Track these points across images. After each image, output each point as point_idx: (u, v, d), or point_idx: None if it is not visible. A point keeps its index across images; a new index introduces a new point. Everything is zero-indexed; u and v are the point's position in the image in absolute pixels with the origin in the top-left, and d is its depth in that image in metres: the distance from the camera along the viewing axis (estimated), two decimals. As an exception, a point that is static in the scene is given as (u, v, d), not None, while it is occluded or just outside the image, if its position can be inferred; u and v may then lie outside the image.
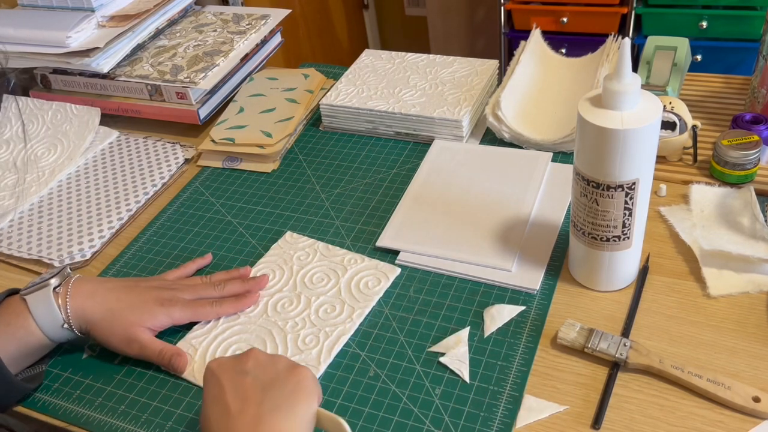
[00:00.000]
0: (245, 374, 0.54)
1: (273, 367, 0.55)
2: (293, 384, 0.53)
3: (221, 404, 0.53)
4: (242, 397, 0.52)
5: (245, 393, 0.53)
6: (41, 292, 0.65)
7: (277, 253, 0.78)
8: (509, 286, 0.70)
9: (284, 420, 0.51)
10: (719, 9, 1.80)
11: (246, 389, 0.53)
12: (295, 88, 1.03)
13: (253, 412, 0.51)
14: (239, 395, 0.53)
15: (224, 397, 0.53)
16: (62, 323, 0.65)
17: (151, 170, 0.93)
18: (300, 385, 0.54)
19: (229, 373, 0.55)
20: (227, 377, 0.54)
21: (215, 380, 0.55)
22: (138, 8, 1.05)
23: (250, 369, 0.55)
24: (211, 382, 0.55)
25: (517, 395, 0.61)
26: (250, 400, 0.52)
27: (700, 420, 0.57)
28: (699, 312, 0.66)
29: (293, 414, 0.52)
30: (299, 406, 0.52)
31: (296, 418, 0.52)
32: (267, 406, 0.52)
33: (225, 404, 0.52)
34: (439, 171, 0.86)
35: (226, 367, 0.55)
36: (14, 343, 0.63)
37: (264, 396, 0.52)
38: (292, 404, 0.52)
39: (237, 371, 0.55)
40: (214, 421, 0.52)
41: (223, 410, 0.52)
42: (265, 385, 0.53)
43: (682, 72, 0.92)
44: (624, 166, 0.59)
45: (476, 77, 0.97)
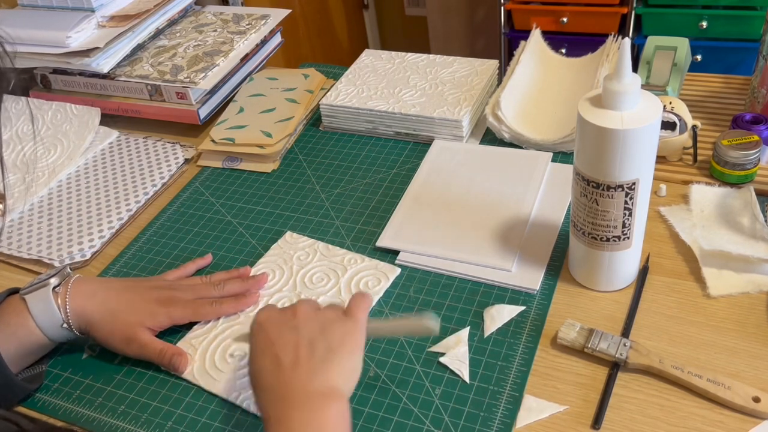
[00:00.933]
0: (294, 329, 0.56)
1: (319, 321, 0.57)
2: (339, 336, 0.55)
3: (272, 357, 0.54)
4: (293, 350, 0.54)
5: (296, 347, 0.54)
6: (41, 291, 0.65)
7: (277, 253, 0.78)
8: (509, 286, 0.70)
9: (335, 371, 0.53)
10: (719, 9, 1.80)
11: (296, 343, 0.54)
12: (295, 88, 1.03)
13: (305, 365, 0.53)
14: (290, 349, 0.54)
15: (275, 351, 0.54)
16: (61, 323, 0.65)
17: (151, 170, 0.93)
18: (346, 337, 0.56)
19: (278, 326, 0.56)
20: (276, 331, 0.56)
21: (264, 334, 0.56)
22: (138, 8, 1.05)
23: (300, 324, 0.56)
24: (261, 336, 0.56)
25: (517, 395, 0.61)
26: (301, 353, 0.54)
27: (700, 420, 0.57)
28: (699, 312, 0.66)
29: (342, 365, 0.54)
30: (347, 357, 0.55)
31: (345, 368, 0.54)
32: (317, 359, 0.54)
33: (276, 358, 0.54)
34: (439, 171, 0.86)
35: (274, 321, 0.57)
36: (14, 342, 0.63)
37: (312, 349, 0.54)
38: (340, 356, 0.54)
39: (287, 325, 0.56)
40: (267, 373, 0.54)
41: (275, 364, 0.54)
42: (313, 340, 0.55)
43: (682, 72, 0.92)
44: (624, 166, 0.59)
45: (476, 77, 0.97)
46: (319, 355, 0.54)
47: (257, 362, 0.56)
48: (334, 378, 0.53)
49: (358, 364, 0.56)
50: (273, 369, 0.54)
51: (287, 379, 0.53)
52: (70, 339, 0.67)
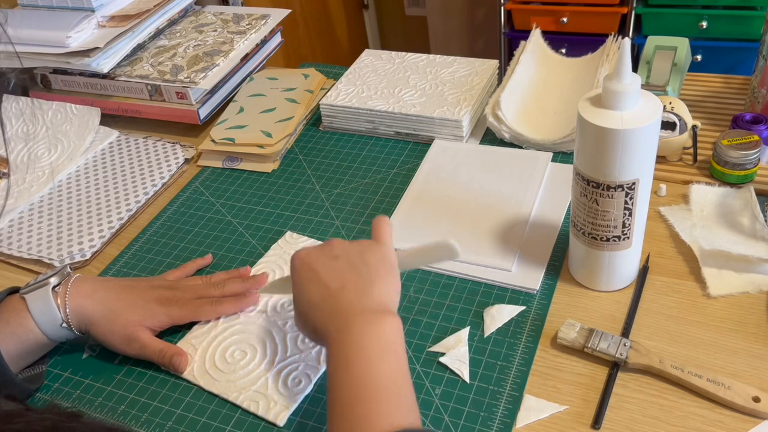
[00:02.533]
0: (335, 258, 0.60)
1: (356, 250, 0.60)
2: (377, 260, 0.60)
3: (320, 285, 0.58)
4: (339, 276, 0.58)
5: (341, 273, 0.58)
6: (40, 291, 0.65)
7: (277, 253, 0.78)
8: (509, 286, 0.70)
9: (381, 290, 0.58)
10: (719, 9, 1.80)
11: (340, 270, 0.58)
12: (295, 88, 1.03)
13: (353, 287, 0.57)
14: (336, 275, 0.58)
15: (322, 279, 0.58)
16: (61, 322, 0.65)
17: (151, 170, 0.93)
18: (384, 260, 0.60)
19: (319, 258, 0.60)
20: (319, 262, 0.59)
21: (307, 266, 0.60)
22: (138, 8, 1.05)
23: (339, 254, 0.60)
24: (304, 269, 0.60)
25: (517, 395, 0.61)
26: (347, 277, 0.58)
27: (700, 420, 0.57)
28: (699, 312, 0.66)
29: (386, 284, 0.59)
30: (388, 277, 0.59)
31: (389, 286, 0.59)
32: (363, 280, 0.58)
33: (324, 284, 0.58)
34: (439, 171, 0.86)
35: (315, 255, 0.61)
36: (13, 341, 0.63)
37: (357, 273, 0.58)
38: (382, 276, 0.59)
39: (327, 256, 0.60)
40: (317, 298, 0.58)
41: (323, 289, 0.58)
42: (355, 264, 0.59)
43: (682, 72, 0.92)
44: (624, 166, 0.59)
45: (476, 77, 0.97)
46: (364, 278, 0.58)
47: (306, 292, 0.59)
48: (382, 296, 0.57)
49: (398, 283, 0.60)
50: (323, 294, 0.57)
51: (339, 300, 0.56)
52: (69, 338, 0.67)
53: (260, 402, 0.62)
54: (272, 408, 0.62)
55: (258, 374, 0.65)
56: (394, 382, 0.52)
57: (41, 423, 0.39)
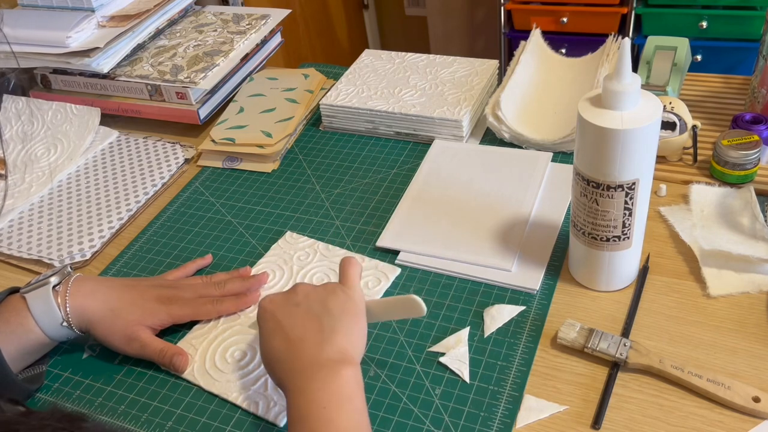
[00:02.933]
0: (297, 306, 0.59)
1: (319, 295, 0.60)
2: (341, 305, 0.59)
3: (282, 336, 0.57)
4: (300, 326, 0.57)
5: (303, 323, 0.57)
6: (41, 290, 0.65)
7: (277, 253, 0.78)
8: (509, 286, 0.70)
9: (343, 338, 0.57)
10: (719, 9, 1.80)
11: (301, 319, 0.58)
12: (295, 88, 1.03)
13: (313, 338, 0.56)
14: (297, 326, 0.57)
15: (284, 330, 0.58)
16: (61, 321, 0.65)
17: (151, 170, 0.93)
18: (346, 307, 0.59)
19: (282, 307, 0.59)
20: (282, 311, 0.59)
21: (270, 315, 0.59)
22: (138, 8, 1.05)
23: (302, 301, 0.59)
24: (266, 318, 0.60)
25: (517, 395, 0.61)
26: (308, 327, 0.57)
27: (700, 420, 0.57)
28: (699, 312, 0.66)
29: (350, 332, 0.57)
30: (352, 325, 0.58)
31: (352, 334, 0.58)
32: (326, 330, 0.57)
33: (285, 335, 0.57)
34: (439, 171, 0.86)
35: (279, 303, 0.60)
36: (13, 341, 0.63)
37: (318, 322, 0.57)
38: (345, 324, 0.57)
39: (290, 303, 0.59)
40: (279, 351, 0.57)
41: (285, 341, 0.57)
42: (318, 313, 0.58)
43: (682, 72, 0.92)
44: (624, 166, 0.59)
45: (476, 77, 0.97)
46: (326, 326, 0.57)
47: (269, 343, 0.58)
48: (344, 344, 0.56)
49: (363, 328, 0.59)
50: (285, 347, 0.57)
51: (299, 353, 0.56)
52: (70, 338, 0.67)
53: (260, 402, 0.62)
54: (272, 408, 0.62)
55: (258, 374, 0.64)
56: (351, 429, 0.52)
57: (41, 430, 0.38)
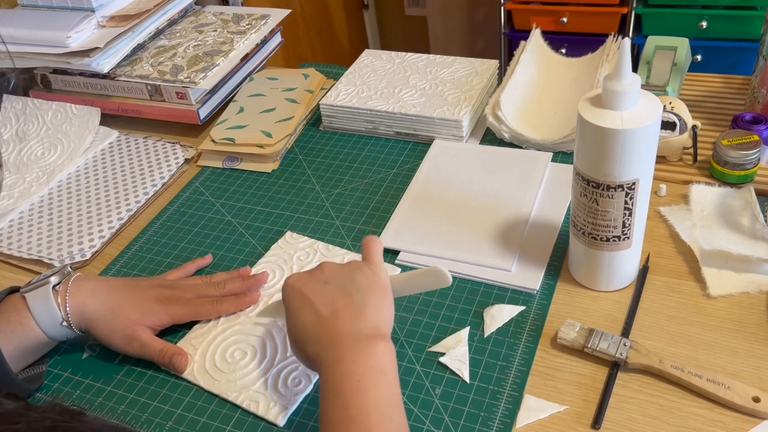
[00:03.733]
0: (326, 283, 0.59)
1: (345, 272, 0.60)
2: (368, 282, 0.59)
3: (312, 311, 0.58)
4: (330, 302, 0.58)
5: (332, 298, 0.58)
6: (41, 290, 0.65)
7: (277, 253, 0.78)
8: (509, 286, 0.70)
9: (373, 313, 0.57)
10: (719, 9, 1.80)
11: (331, 295, 0.58)
12: (295, 88, 1.03)
13: (346, 313, 0.57)
14: (327, 301, 0.58)
15: (314, 306, 0.58)
16: (61, 321, 0.65)
17: (151, 170, 0.93)
18: (374, 282, 0.60)
19: (310, 284, 0.60)
20: (310, 288, 0.59)
21: (298, 293, 0.60)
22: (138, 8, 1.05)
23: (330, 278, 0.60)
24: (294, 295, 0.60)
25: (517, 395, 0.61)
26: (338, 303, 0.57)
27: (700, 420, 0.57)
28: (699, 312, 0.66)
29: (377, 307, 0.58)
30: (381, 300, 0.59)
31: (381, 309, 0.58)
32: (355, 305, 0.57)
33: (316, 311, 0.57)
34: (439, 171, 0.86)
35: (306, 280, 0.60)
36: (13, 340, 0.63)
37: (349, 298, 0.58)
38: (374, 299, 0.58)
39: (318, 281, 0.60)
40: (310, 325, 0.57)
41: (315, 316, 0.57)
42: (346, 289, 0.58)
43: (682, 72, 0.92)
44: (624, 166, 0.59)
45: (476, 77, 0.97)
46: (356, 302, 0.58)
47: (298, 319, 0.58)
48: (374, 319, 0.57)
49: (391, 304, 0.60)
50: (316, 321, 0.57)
51: (332, 327, 0.56)
52: (69, 338, 0.67)
53: (260, 402, 0.62)
54: (272, 408, 0.62)
55: (258, 374, 0.64)
56: (385, 409, 0.52)
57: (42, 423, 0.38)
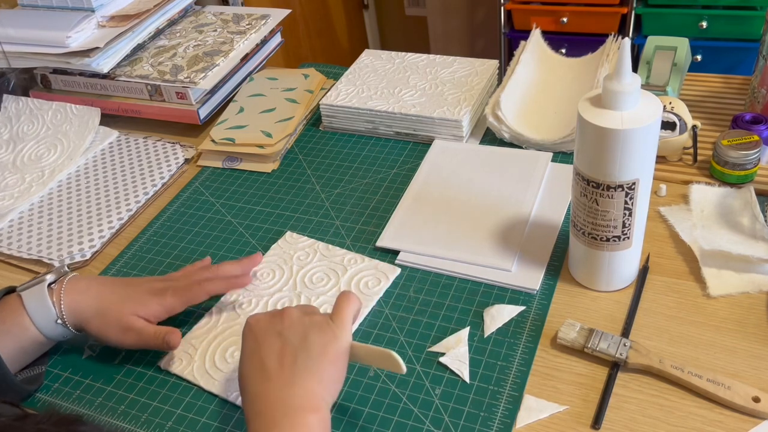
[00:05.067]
0: (279, 336, 0.57)
1: (304, 327, 0.58)
2: (321, 348, 0.56)
3: (257, 362, 0.56)
4: (276, 357, 0.56)
5: (279, 353, 0.56)
6: (36, 288, 0.65)
7: (277, 253, 0.78)
8: (509, 286, 0.70)
9: (314, 380, 0.55)
10: (719, 9, 1.80)
11: (280, 349, 0.56)
12: (295, 88, 1.03)
13: (286, 374, 0.55)
14: (273, 355, 0.56)
15: (260, 355, 0.57)
16: (56, 319, 0.65)
17: (151, 170, 0.93)
18: (327, 349, 0.56)
19: (264, 331, 0.58)
20: (262, 335, 0.58)
21: (253, 337, 0.58)
22: (138, 8, 1.05)
23: (285, 330, 0.58)
24: (249, 338, 0.59)
25: (517, 395, 0.61)
26: (284, 361, 0.56)
27: (700, 420, 0.57)
28: (699, 312, 0.66)
29: (321, 375, 0.55)
30: (327, 368, 0.56)
31: (326, 377, 0.56)
32: (299, 367, 0.55)
33: (261, 363, 0.56)
34: (439, 171, 0.86)
35: (263, 326, 0.59)
36: (10, 340, 0.64)
37: (295, 359, 0.56)
38: (320, 367, 0.56)
39: (273, 332, 0.58)
40: (252, 380, 0.56)
41: (259, 369, 0.56)
42: (297, 348, 0.56)
43: (682, 72, 0.92)
44: (624, 166, 0.59)
45: (476, 77, 0.97)
46: (300, 365, 0.55)
47: (245, 366, 0.57)
48: (314, 386, 0.54)
49: (340, 373, 0.57)
50: (257, 375, 0.56)
51: (268, 388, 0.54)
52: (66, 337, 0.67)
53: (260, 402, 0.62)
54: (272, 408, 0.62)
55: (258, 374, 0.64)
56: None
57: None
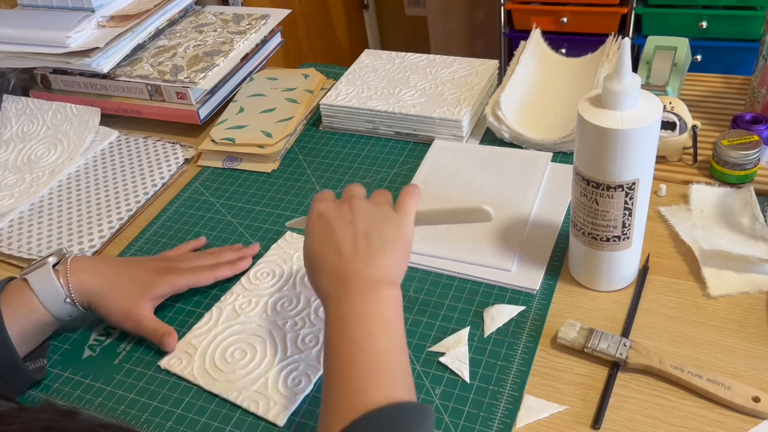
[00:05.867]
0: (351, 222, 0.60)
1: (373, 216, 0.61)
2: (392, 231, 0.60)
3: (333, 245, 0.59)
4: (352, 241, 0.59)
5: (354, 239, 0.59)
6: (41, 269, 0.66)
7: (277, 253, 0.78)
8: (509, 286, 0.70)
9: (388, 261, 0.59)
10: (719, 9, 1.80)
11: (354, 236, 0.60)
12: (295, 88, 1.03)
13: (363, 255, 0.58)
14: (349, 240, 0.59)
15: (336, 240, 0.59)
16: (64, 297, 0.66)
17: (151, 170, 0.93)
18: (397, 232, 0.61)
19: (336, 219, 0.61)
20: (336, 223, 0.61)
21: (325, 222, 0.61)
22: (138, 8, 1.05)
23: (355, 219, 0.61)
24: (321, 224, 0.61)
25: (517, 395, 0.61)
26: (359, 244, 0.59)
27: (700, 420, 0.57)
28: (699, 312, 0.66)
29: (394, 256, 0.59)
30: (398, 250, 0.60)
31: (397, 259, 0.60)
32: (373, 249, 0.59)
33: (337, 246, 0.59)
34: (439, 171, 0.86)
35: (333, 213, 0.62)
36: (18, 321, 0.64)
37: (369, 241, 0.59)
38: (393, 248, 0.60)
39: (344, 219, 0.61)
40: (328, 259, 0.59)
41: (335, 250, 0.59)
42: (369, 232, 0.60)
43: (682, 72, 0.92)
44: (624, 166, 0.59)
45: (476, 77, 0.97)
46: (375, 247, 0.59)
47: (318, 248, 0.60)
48: (388, 267, 0.59)
49: (407, 256, 0.61)
50: (334, 255, 0.59)
51: (347, 265, 0.58)
52: (72, 315, 0.68)
53: (260, 402, 0.62)
54: (272, 408, 0.62)
55: (258, 374, 0.65)
56: (390, 354, 0.53)
57: (36, 423, 0.39)
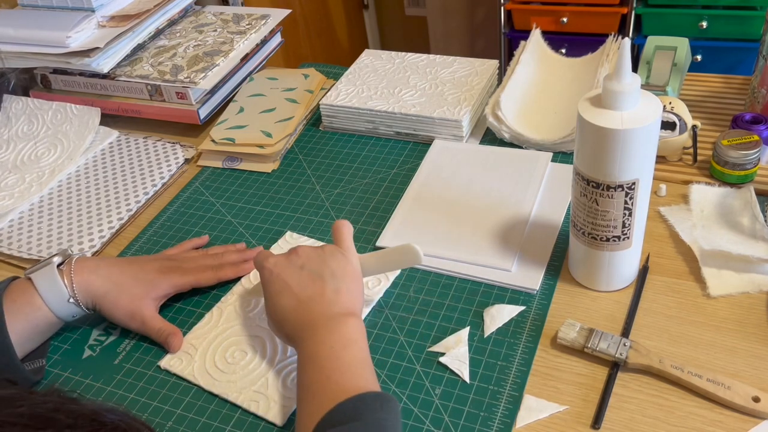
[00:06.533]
0: (301, 268, 0.63)
1: (320, 258, 0.63)
2: (341, 267, 0.63)
3: (290, 296, 0.61)
4: (307, 287, 0.61)
5: (309, 283, 0.61)
6: (46, 269, 0.66)
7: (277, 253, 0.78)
8: (509, 286, 0.70)
9: (346, 297, 0.61)
10: (719, 9, 1.80)
11: (307, 281, 0.62)
12: (295, 88, 1.03)
13: (320, 297, 0.60)
14: (304, 285, 0.61)
15: (291, 290, 0.61)
16: (68, 298, 0.66)
17: (151, 170, 0.93)
18: (346, 266, 0.63)
19: (288, 269, 0.63)
20: (287, 273, 0.63)
21: (276, 277, 0.63)
22: (138, 8, 1.05)
23: (305, 264, 0.63)
24: (273, 280, 0.63)
25: (517, 395, 0.61)
26: (315, 288, 0.61)
27: (700, 420, 0.57)
28: (699, 312, 0.66)
29: (350, 290, 0.62)
30: (352, 284, 0.63)
31: (353, 293, 0.62)
32: (329, 287, 0.61)
33: (294, 295, 0.61)
34: (439, 171, 0.86)
35: (283, 265, 0.63)
36: (21, 321, 0.64)
37: (323, 283, 0.61)
38: (347, 284, 0.62)
39: (294, 266, 0.63)
40: (289, 308, 0.61)
41: (293, 300, 0.61)
42: (320, 273, 0.62)
43: (682, 72, 0.92)
44: (624, 166, 0.59)
45: (476, 77, 0.97)
46: (330, 285, 0.61)
47: (278, 301, 0.62)
48: (347, 302, 0.61)
49: (360, 286, 0.64)
50: (295, 305, 0.61)
51: (308, 310, 0.60)
52: (76, 316, 0.68)
53: (260, 402, 0.62)
54: (272, 408, 0.62)
55: (258, 374, 0.65)
56: (356, 364, 0.56)
57: (44, 405, 0.39)
